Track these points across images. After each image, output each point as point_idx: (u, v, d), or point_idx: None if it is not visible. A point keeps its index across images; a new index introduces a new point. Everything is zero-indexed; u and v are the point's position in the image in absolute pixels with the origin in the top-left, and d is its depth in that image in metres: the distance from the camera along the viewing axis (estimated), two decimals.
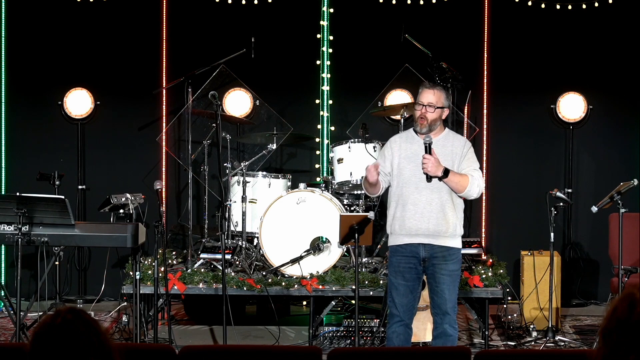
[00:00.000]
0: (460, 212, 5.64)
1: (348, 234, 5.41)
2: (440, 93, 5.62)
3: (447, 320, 5.60)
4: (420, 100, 5.60)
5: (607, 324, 2.79)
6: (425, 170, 5.47)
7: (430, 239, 5.53)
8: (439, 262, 5.54)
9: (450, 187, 5.53)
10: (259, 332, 7.56)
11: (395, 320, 5.63)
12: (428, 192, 5.53)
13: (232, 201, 7.61)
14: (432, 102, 5.57)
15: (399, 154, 5.64)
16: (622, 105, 8.87)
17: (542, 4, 8.78)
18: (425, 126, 5.58)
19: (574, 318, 8.14)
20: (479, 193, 5.62)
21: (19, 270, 5.80)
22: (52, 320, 2.73)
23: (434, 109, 5.56)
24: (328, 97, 8.70)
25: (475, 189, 5.55)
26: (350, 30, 8.80)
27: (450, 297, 5.60)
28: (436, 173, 5.46)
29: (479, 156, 8.76)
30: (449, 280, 5.58)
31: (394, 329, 5.64)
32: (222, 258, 6.58)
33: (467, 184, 5.51)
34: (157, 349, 4.40)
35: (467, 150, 5.62)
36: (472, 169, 5.58)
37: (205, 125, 8.10)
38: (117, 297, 7.97)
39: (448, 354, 4.37)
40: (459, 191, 5.54)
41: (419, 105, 5.61)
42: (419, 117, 5.59)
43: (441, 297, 5.59)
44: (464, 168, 5.57)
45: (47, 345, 2.71)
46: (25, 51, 8.91)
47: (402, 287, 5.62)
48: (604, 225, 7.84)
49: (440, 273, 5.56)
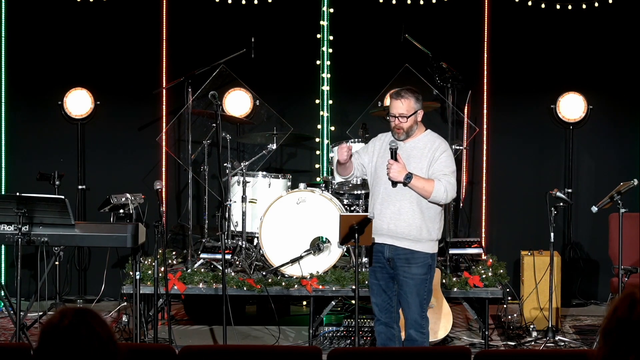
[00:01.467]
0: (431, 216, 5.60)
1: (348, 234, 5.41)
2: (409, 100, 5.63)
3: (412, 325, 5.59)
4: (392, 112, 5.65)
5: (607, 324, 2.79)
6: (389, 176, 5.52)
7: (393, 240, 5.56)
8: (401, 264, 5.53)
9: (415, 192, 5.53)
10: (259, 332, 7.56)
11: (375, 320, 5.71)
12: (396, 193, 5.55)
13: (232, 201, 7.61)
14: (403, 113, 5.61)
15: (378, 152, 5.70)
16: (622, 105, 8.87)
17: (542, 4, 8.78)
18: (402, 134, 5.63)
19: (574, 318, 8.14)
20: (447, 199, 5.57)
21: (19, 270, 5.80)
22: (59, 322, 2.73)
23: (406, 118, 5.60)
24: (328, 97, 8.70)
25: (441, 195, 5.50)
26: (350, 30, 8.80)
27: (413, 300, 5.57)
28: (398, 179, 5.50)
29: (479, 156, 8.79)
30: (411, 283, 5.55)
31: (375, 329, 5.73)
32: (222, 258, 6.58)
33: (432, 190, 5.49)
34: (157, 349, 4.40)
35: (440, 154, 5.60)
36: (442, 173, 5.55)
37: (205, 125, 8.10)
38: (117, 297, 7.97)
39: (448, 354, 4.38)
40: (425, 196, 5.53)
41: (392, 117, 5.64)
42: (394, 127, 5.64)
43: (404, 300, 5.59)
44: (434, 172, 5.56)
45: (51, 347, 2.71)
46: (25, 51, 8.91)
47: (375, 287, 5.67)
48: (604, 225, 7.84)
49: (403, 276, 5.55)
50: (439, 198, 5.52)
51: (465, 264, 7.64)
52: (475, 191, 8.84)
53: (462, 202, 8.52)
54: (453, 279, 7.12)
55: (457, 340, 7.25)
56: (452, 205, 7.83)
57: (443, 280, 6.99)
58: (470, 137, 8.26)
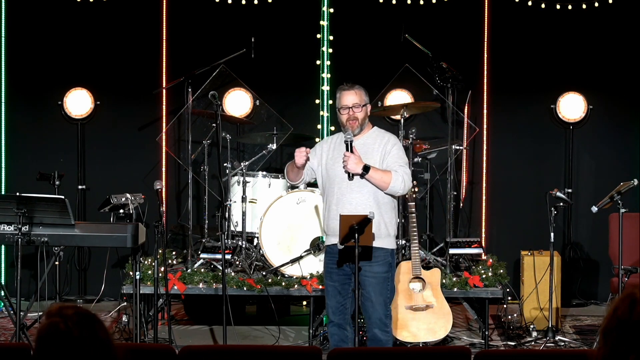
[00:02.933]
0: (387, 211, 5.61)
1: (348, 234, 5.41)
2: (360, 91, 5.67)
3: (376, 325, 5.57)
4: (344, 104, 5.62)
5: (607, 324, 2.79)
6: (346, 168, 5.49)
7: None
8: (362, 263, 5.44)
9: (373, 183, 5.52)
10: (259, 332, 7.56)
11: (329, 321, 5.66)
12: (351, 190, 5.53)
13: (232, 201, 7.61)
14: (356, 102, 5.62)
15: (327, 154, 5.68)
16: (622, 105, 8.87)
17: (542, 4, 8.78)
18: (357, 127, 5.62)
19: (574, 318, 8.14)
20: (405, 189, 5.58)
21: (19, 270, 5.80)
22: (55, 323, 2.72)
23: (361, 108, 5.61)
24: (328, 97, 8.69)
25: (399, 185, 5.51)
26: (350, 30, 8.80)
27: (377, 300, 5.55)
28: (356, 170, 5.48)
29: (479, 156, 8.79)
30: (374, 282, 5.53)
31: (329, 330, 5.69)
32: (222, 258, 6.57)
33: (390, 180, 5.50)
34: (157, 349, 4.40)
35: (392, 147, 5.61)
36: (398, 165, 5.57)
37: (205, 125, 8.10)
38: (117, 297, 7.96)
39: (448, 354, 4.38)
40: (383, 187, 5.52)
41: (344, 110, 5.62)
42: (347, 120, 5.61)
43: (367, 299, 5.55)
44: (389, 164, 5.57)
45: (48, 348, 2.71)
46: (25, 51, 8.91)
47: (330, 288, 5.64)
48: (604, 225, 7.84)
49: (364, 275, 5.50)
50: (397, 188, 5.52)
51: (465, 264, 7.64)
52: (475, 191, 8.84)
53: (462, 202, 8.52)
54: (453, 279, 7.12)
55: (457, 340, 7.25)
56: (452, 205, 7.84)
57: (443, 280, 6.99)
58: (470, 137, 8.27)
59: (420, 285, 6.79)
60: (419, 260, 6.77)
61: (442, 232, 8.03)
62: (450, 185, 7.73)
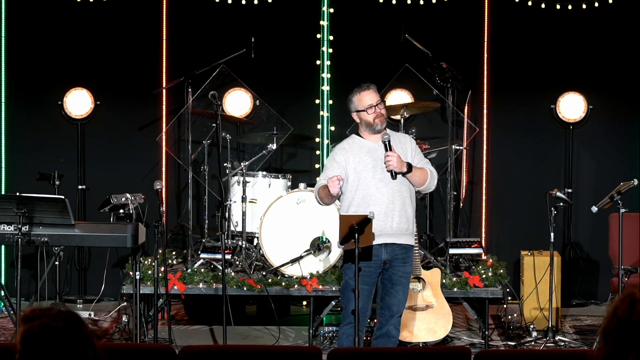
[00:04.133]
0: (414, 209, 5.70)
1: (348, 234, 5.41)
2: (376, 89, 5.73)
3: (393, 322, 5.63)
4: (370, 103, 5.62)
5: (607, 324, 2.79)
6: (390, 167, 5.47)
7: (393, 238, 5.55)
8: (397, 264, 5.57)
9: (413, 181, 5.56)
10: (259, 332, 7.56)
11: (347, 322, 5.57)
12: (390, 189, 5.53)
13: (232, 201, 7.62)
14: (379, 100, 5.67)
15: (353, 158, 5.62)
16: (622, 105, 8.87)
17: (542, 4, 8.78)
18: (385, 121, 5.66)
19: (574, 318, 8.14)
20: (434, 185, 5.70)
21: (19, 270, 5.80)
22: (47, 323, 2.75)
23: (383, 105, 5.67)
24: (328, 97, 8.69)
25: (434, 182, 5.65)
26: (350, 30, 8.80)
27: (403, 299, 5.67)
28: (402, 169, 5.49)
29: (479, 156, 8.80)
30: (405, 282, 5.66)
31: (346, 332, 5.57)
32: (222, 258, 6.58)
33: (428, 177, 5.58)
34: (157, 349, 4.40)
35: (415, 146, 5.72)
36: (425, 162, 5.68)
37: (205, 125, 8.10)
38: (117, 297, 7.96)
39: (448, 354, 4.38)
40: (421, 185, 5.58)
41: (370, 109, 5.60)
42: (375, 118, 5.60)
43: (394, 298, 5.60)
44: (418, 162, 5.62)
45: (41, 348, 2.74)
46: (25, 51, 8.90)
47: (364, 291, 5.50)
48: (604, 225, 7.84)
49: (398, 275, 5.60)
50: (432, 185, 5.64)
51: (465, 264, 7.64)
52: (475, 191, 8.84)
53: (462, 202, 8.52)
54: (453, 279, 7.12)
55: (457, 340, 7.25)
56: (452, 205, 7.84)
57: (443, 280, 6.99)
58: (470, 137, 8.27)
59: (421, 285, 6.79)
60: (419, 260, 6.78)
61: (442, 232, 8.03)
62: (450, 185, 7.74)
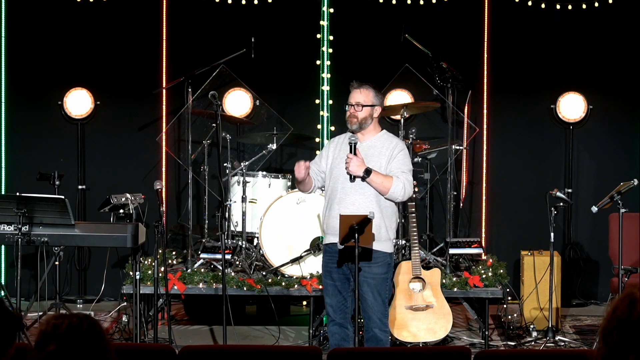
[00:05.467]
0: (389, 215, 5.65)
1: (348, 234, 5.41)
2: (368, 91, 5.70)
3: (375, 325, 5.62)
4: (349, 101, 5.69)
5: (607, 324, 2.79)
6: (348, 170, 5.54)
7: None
8: (362, 264, 5.49)
9: (374, 187, 5.56)
10: (259, 332, 7.56)
11: (330, 320, 5.71)
12: (354, 192, 5.57)
13: (232, 201, 7.62)
14: (359, 102, 5.65)
15: (333, 154, 5.72)
16: (622, 105, 8.87)
17: (542, 4, 8.78)
18: (355, 124, 5.66)
19: (574, 318, 8.14)
20: (405, 196, 5.63)
21: (19, 270, 5.80)
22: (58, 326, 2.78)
23: (362, 108, 5.64)
24: (328, 97, 8.69)
25: (399, 191, 5.55)
26: (350, 30, 8.80)
27: (376, 300, 5.61)
28: (357, 173, 5.52)
29: (479, 156, 8.79)
30: (372, 283, 5.59)
31: (329, 329, 5.73)
32: (222, 258, 6.58)
33: (391, 186, 5.54)
34: (157, 349, 4.41)
35: (398, 153, 5.65)
36: (400, 171, 5.61)
37: (205, 125, 8.10)
38: (117, 297, 7.96)
39: (448, 354, 4.38)
40: (383, 192, 5.56)
41: (349, 106, 5.68)
42: (348, 117, 5.68)
43: (364, 300, 5.61)
44: (391, 170, 5.60)
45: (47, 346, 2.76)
46: (25, 51, 8.90)
47: (330, 287, 5.68)
48: (604, 225, 7.84)
49: (364, 276, 5.54)
50: (396, 194, 5.57)
51: (465, 264, 7.64)
52: (475, 191, 8.84)
53: (462, 202, 8.52)
54: (453, 279, 7.12)
55: (457, 340, 7.25)
56: (452, 205, 7.84)
57: (443, 280, 6.99)
58: (470, 137, 8.27)
59: (420, 285, 6.79)
60: (419, 260, 6.78)
61: (442, 232, 8.03)
62: (450, 185, 7.74)
